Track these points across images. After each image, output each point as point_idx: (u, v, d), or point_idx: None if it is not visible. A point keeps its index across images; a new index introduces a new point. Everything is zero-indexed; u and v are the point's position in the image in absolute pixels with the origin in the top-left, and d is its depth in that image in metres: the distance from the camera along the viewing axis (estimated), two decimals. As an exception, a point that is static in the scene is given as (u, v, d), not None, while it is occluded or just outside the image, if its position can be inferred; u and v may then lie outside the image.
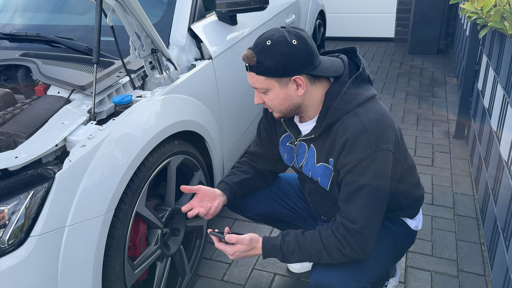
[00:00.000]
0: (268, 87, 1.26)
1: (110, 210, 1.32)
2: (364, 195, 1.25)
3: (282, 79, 1.24)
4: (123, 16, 1.48)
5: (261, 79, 1.25)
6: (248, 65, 1.25)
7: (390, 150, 1.26)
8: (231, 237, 1.33)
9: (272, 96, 1.28)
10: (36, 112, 1.43)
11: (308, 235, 1.33)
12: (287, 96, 1.28)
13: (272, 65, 1.22)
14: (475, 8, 1.78)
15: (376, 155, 1.23)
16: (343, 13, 5.72)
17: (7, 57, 1.73)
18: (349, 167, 1.25)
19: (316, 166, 1.38)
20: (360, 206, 1.25)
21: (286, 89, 1.26)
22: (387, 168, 1.26)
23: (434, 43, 5.10)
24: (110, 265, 1.37)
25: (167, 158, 1.61)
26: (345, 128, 1.25)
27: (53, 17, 2.19)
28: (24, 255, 1.14)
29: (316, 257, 1.31)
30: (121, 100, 1.49)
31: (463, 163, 2.82)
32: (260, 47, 1.23)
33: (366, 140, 1.22)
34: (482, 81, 2.60)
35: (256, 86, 1.28)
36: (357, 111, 1.26)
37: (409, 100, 3.88)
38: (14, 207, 1.17)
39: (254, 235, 1.35)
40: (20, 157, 1.22)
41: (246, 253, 1.34)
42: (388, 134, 1.26)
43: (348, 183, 1.27)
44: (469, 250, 2.08)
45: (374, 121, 1.24)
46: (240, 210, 1.70)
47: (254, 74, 1.25)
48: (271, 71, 1.23)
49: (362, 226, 1.25)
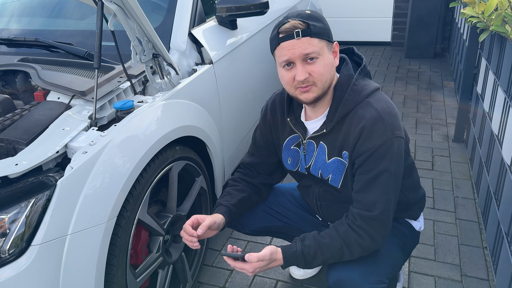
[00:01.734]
0: (321, 51, 1.24)
1: (112, 217, 1.30)
2: (383, 181, 1.26)
3: (329, 43, 1.28)
4: (124, 20, 1.46)
5: (315, 42, 1.23)
6: (301, 30, 1.21)
7: (403, 137, 1.29)
8: (251, 257, 1.25)
9: (323, 62, 1.25)
10: (36, 118, 1.40)
11: (326, 235, 1.31)
12: (333, 63, 1.29)
13: (323, 26, 1.25)
14: (476, 12, 1.78)
15: (392, 141, 1.25)
16: (340, 17, 5.73)
17: (5, 62, 1.71)
18: (367, 154, 1.26)
19: (327, 163, 1.37)
20: (379, 192, 1.26)
21: (331, 56, 1.28)
22: (401, 154, 1.29)
23: (430, 47, 5.12)
24: (112, 274, 1.35)
25: (169, 164, 1.59)
26: (360, 117, 1.27)
27: (51, 22, 2.17)
28: (25, 265, 1.11)
29: (338, 255, 1.30)
30: (122, 105, 1.47)
31: (463, 166, 2.82)
32: (303, 15, 1.24)
33: (383, 127, 1.25)
34: (482, 85, 2.60)
35: (310, 50, 1.22)
36: (369, 100, 1.30)
37: (407, 104, 3.88)
38: (14, 216, 1.15)
39: (273, 248, 1.30)
40: (21, 164, 1.20)
41: (267, 267, 1.29)
42: (399, 122, 1.30)
43: (365, 171, 1.27)
44: (472, 254, 2.07)
45: (386, 109, 1.28)
46: (237, 227, 1.67)
47: (308, 38, 1.22)
48: (324, 31, 1.25)
49: (381, 212, 1.26)
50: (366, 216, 1.27)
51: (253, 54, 2.45)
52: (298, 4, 3.47)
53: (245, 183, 1.59)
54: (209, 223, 1.38)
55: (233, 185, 1.59)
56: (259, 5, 2.10)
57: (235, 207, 1.51)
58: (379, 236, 1.29)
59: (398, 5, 5.44)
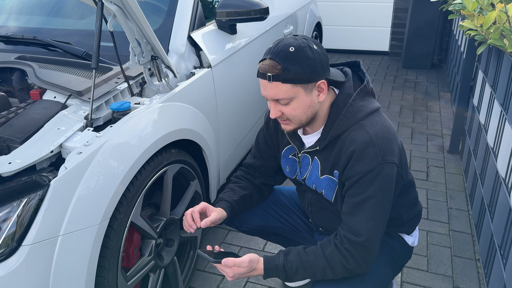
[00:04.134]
0: (294, 95, 1.20)
1: (105, 219, 1.29)
2: (369, 207, 1.23)
3: (308, 85, 1.20)
4: (124, 21, 1.45)
5: (287, 88, 1.19)
6: (271, 74, 1.17)
7: (395, 163, 1.26)
8: (227, 261, 1.25)
9: (296, 106, 1.22)
10: (32, 117, 1.39)
11: (311, 252, 1.29)
12: (311, 103, 1.24)
13: (301, 71, 1.17)
14: (475, 25, 1.79)
15: (382, 167, 1.22)
16: (339, 26, 5.76)
17: (2, 59, 1.69)
18: (355, 178, 1.24)
19: (320, 179, 1.36)
20: (364, 218, 1.24)
21: (310, 96, 1.22)
22: (391, 181, 1.25)
23: (428, 58, 5.16)
24: (103, 276, 1.33)
25: (164, 167, 1.58)
26: (352, 140, 1.24)
27: (49, 20, 2.16)
28: (15, 265, 1.10)
29: (320, 274, 1.28)
30: (119, 106, 1.46)
31: (457, 178, 2.83)
32: (282, 54, 1.17)
33: (373, 152, 1.21)
34: (478, 97, 2.61)
35: (280, 97, 1.20)
36: (363, 123, 1.26)
37: (403, 114, 3.90)
38: (6, 215, 1.13)
39: (254, 256, 1.29)
40: (14, 163, 1.19)
41: (246, 274, 1.29)
42: (393, 147, 1.26)
43: (353, 194, 1.25)
44: (465, 266, 2.07)
45: (380, 134, 1.24)
46: (235, 224, 1.67)
47: (279, 84, 1.18)
48: (299, 77, 1.18)
49: (366, 239, 1.24)
50: (352, 240, 1.25)
51: (251, 59, 2.45)
52: (298, 12, 3.48)
53: (248, 181, 1.60)
54: (214, 219, 1.39)
55: (236, 182, 1.60)
56: (259, 10, 2.10)
57: (237, 203, 1.51)
58: (364, 261, 1.26)
59: (397, 15, 5.48)
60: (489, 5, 1.78)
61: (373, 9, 5.57)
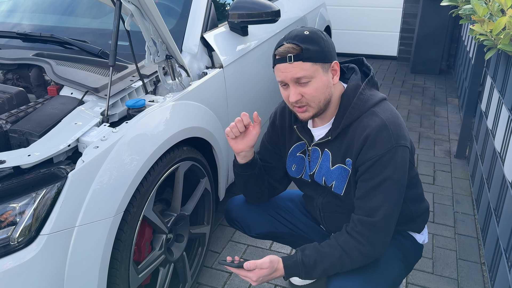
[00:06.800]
0: (314, 74, 1.25)
1: (119, 212, 1.33)
2: (385, 189, 1.27)
3: (325, 64, 1.27)
4: (141, 21, 1.49)
5: (308, 66, 1.24)
6: (292, 55, 1.23)
7: (408, 147, 1.31)
8: (249, 264, 1.28)
9: (316, 85, 1.26)
10: (50, 112, 1.43)
11: (326, 244, 1.33)
12: (328, 83, 1.29)
13: (319, 49, 1.24)
14: (485, 30, 1.82)
15: (397, 150, 1.27)
16: (348, 30, 5.79)
17: (20, 56, 1.74)
18: (370, 162, 1.28)
19: (331, 170, 1.39)
20: (381, 199, 1.27)
21: (327, 76, 1.29)
22: (405, 164, 1.30)
23: (436, 63, 5.17)
24: (115, 268, 1.37)
25: (176, 163, 1.62)
26: (365, 126, 1.29)
27: (65, 19, 2.21)
28: (33, 254, 1.14)
29: (338, 264, 1.31)
30: (134, 103, 1.50)
31: (464, 182, 2.84)
32: (299, 37, 1.24)
33: (387, 136, 1.27)
34: (486, 103, 2.63)
35: (301, 75, 1.25)
36: (374, 110, 1.32)
37: (411, 119, 3.91)
38: (25, 205, 1.17)
39: (273, 256, 1.31)
40: (33, 156, 1.23)
41: (269, 276, 1.31)
42: (404, 132, 1.32)
43: (368, 178, 1.29)
44: (470, 269, 2.08)
45: (391, 119, 1.30)
46: (243, 229, 1.70)
47: (300, 63, 1.24)
48: (318, 55, 1.24)
49: (382, 218, 1.27)
50: (367, 222, 1.28)
51: (262, 60, 2.48)
52: (308, 15, 3.52)
53: None
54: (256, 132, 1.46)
55: None
56: (271, 13, 2.14)
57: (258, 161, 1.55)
58: (379, 243, 1.29)
59: (406, 20, 5.50)
60: (499, 11, 1.81)
61: (382, 14, 5.59)
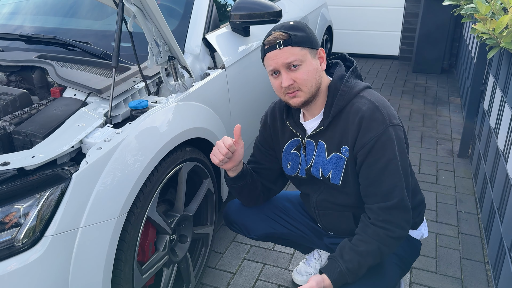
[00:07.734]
0: (303, 58, 1.30)
1: (123, 213, 1.33)
2: (393, 169, 1.29)
3: (312, 50, 1.32)
4: (143, 22, 1.50)
5: (297, 50, 1.29)
6: (282, 41, 1.28)
7: (401, 125, 1.35)
8: None
9: (306, 69, 1.30)
10: (53, 113, 1.44)
11: (358, 242, 1.33)
12: (317, 68, 1.34)
13: (305, 35, 1.31)
14: (487, 29, 1.81)
15: (392, 129, 1.30)
16: (350, 30, 5.79)
17: (23, 58, 1.75)
18: (369, 146, 1.29)
19: (327, 160, 1.40)
20: (392, 180, 1.29)
21: (315, 61, 1.34)
22: (403, 142, 1.34)
23: (438, 63, 5.16)
24: (119, 269, 1.37)
25: (179, 164, 1.62)
26: (357, 109, 1.33)
27: (67, 21, 2.22)
28: (37, 255, 1.14)
29: (379, 256, 1.32)
30: (137, 105, 1.50)
31: (467, 182, 2.84)
32: (286, 26, 1.31)
33: (380, 116, 1.30)
34: (488, 101, 2.62)
35: (291, 59, 1.28)
36: (362, 94, 1.36)
37: (413, 118, 3.91)
38: (29, 207, 1.18)
39: (316, 276, 1.31)
40: (37, 157, 1.23)
41: None
42: (394, 112, 1.36)
43: (372, 163, 1.30)
44: (473, 268, 2.08)
45: (380, 101, 1.35)
46: (243, 232, 1.71)
47: (289, 48, 1.28)
48: (305, 40, 1.30)
49: (399, 200, 1.29)
50: (387, 207, 1.30)
51: (264, 61, 2.48)
52: (309, 15, 3.52)
53: None
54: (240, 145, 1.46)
55: None
56: (273, 13, 2.14)
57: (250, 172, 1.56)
58: (405, 222, 1.32)
59: (408, 20, 5.49)
60: (501, 10, 1.81)
61: (383, 14, 5.59)
